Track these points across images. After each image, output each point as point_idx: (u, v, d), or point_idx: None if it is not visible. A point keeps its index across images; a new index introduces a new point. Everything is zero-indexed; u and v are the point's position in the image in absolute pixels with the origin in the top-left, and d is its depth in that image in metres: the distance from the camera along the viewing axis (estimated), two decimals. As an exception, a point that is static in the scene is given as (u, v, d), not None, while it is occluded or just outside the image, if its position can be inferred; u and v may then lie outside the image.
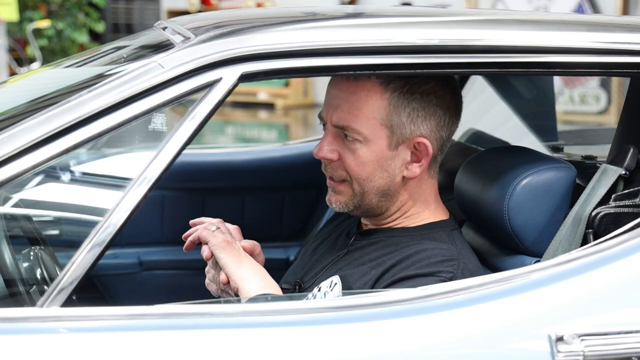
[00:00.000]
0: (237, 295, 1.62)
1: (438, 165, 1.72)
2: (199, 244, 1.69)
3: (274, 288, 1.62)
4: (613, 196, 1.64)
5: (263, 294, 1.57)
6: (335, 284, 1.63)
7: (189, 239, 1.71)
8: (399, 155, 1.65)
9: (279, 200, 2.74)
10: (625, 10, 9.51)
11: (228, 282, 1.65)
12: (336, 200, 1.69)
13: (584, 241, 1.61)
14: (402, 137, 1.64)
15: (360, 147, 1.64)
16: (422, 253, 1.62)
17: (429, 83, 1.65)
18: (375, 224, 1.73)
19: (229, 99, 1.83)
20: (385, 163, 1.65)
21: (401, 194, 1.69)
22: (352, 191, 1.67)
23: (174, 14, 11.77)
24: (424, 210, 1.71)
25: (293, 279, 1.78)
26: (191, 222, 1.74)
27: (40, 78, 2.04)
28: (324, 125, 1.71)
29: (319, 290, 1.64)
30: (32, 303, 1.43)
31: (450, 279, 1.57)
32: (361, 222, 1.78)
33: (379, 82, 1.62)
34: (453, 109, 1.69)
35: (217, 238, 1.66)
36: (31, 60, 10.22)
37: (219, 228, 1.70)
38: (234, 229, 1.75)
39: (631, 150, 1.69)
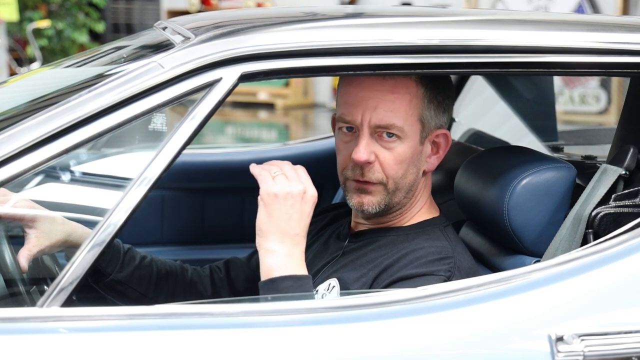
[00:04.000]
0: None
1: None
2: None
3: (298, 269, 1.52)
4: (613, 196, 1.64)
5: (287, 276, 1.50)
6: (334, 286, 1.62)
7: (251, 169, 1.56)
8: (425, 149, 1.68)
9: (279, 200, 2.73)
10: (625, 10, 9.50)
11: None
12: (369, 202, 1.65)
13: (584, 241, 1.61)
14: (429, 131, 1.67)
15: (398, 145, 1.63)
16: (418, 251, 1.62)
17: (440, 76, 1.68)
18: (374, 222, 1.73)
19: (229, 99, 1.83)
20: (416, 158, 1.66)
21: (418, 188, 1.70)
22: (387, 191, 1.65)
23: (174, 14, 11.77)
24: (419, 209, 1.72)
25: None
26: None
27: (40, 78, 2.04)
28: (348, 128, 1.64)
29: (317, 293, 1.64)
30: (32, 303, 1.43)
31: (448, 278, 1.58)
32: (351, 223, 1.78)
33: (412, 77, 1.63)
34: (453, 98, 1.73)
35: (269, 185, 1.52)
36: (31, 60, 10.21)
37: (283, 174, 1.54)
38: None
39: (631, 150, 1.69)
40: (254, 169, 1.56)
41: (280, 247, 1.52)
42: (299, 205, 1.53)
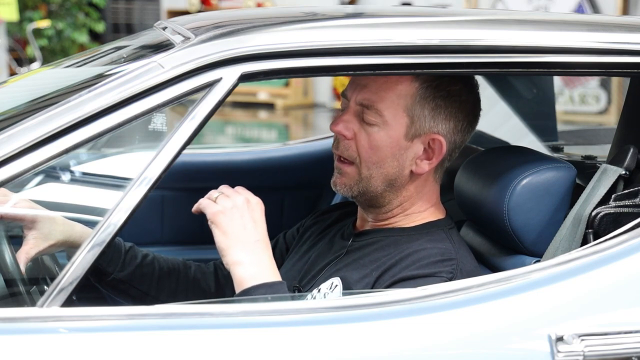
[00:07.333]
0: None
1: (443, 170, 1.73)
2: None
3: (269, 276, 1.54)
4: (613, 196, 1.64)
5: (259, 285, 1.52)
6: (336, 285, 1.62)
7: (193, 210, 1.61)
8: (412, 148, 1.66)
9: (279, 200, 2.74)
10: (625, 10, 9.51)
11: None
12: (341, 183, 1.68)
13: (584, 241, 1.61)
14: (420, 130, 1.65)
15: (377, 130, 1.64)
16: (421, 252, 1.62)
17: (456, 85, 1.66)
18: (375, 219, 1.73)
19: (229, 99, 1.83)
20: (398, 152, 1.65)
21: (406, 188, 1.69)
22: (359, 175, 1.66)
23: (174, 14, 11.76)
24: (423, 211, 1.72)
25: (291, 284, 1.75)
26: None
27: (40, 78, 2.04)
28: (344, 107, 1.70)
29: (319, 292, 1.64)
30: (32, 303, 1.43)
31: (451, 279, 1.57)
32: (356, 222, 1.78)
33: None
34: (471, 117, 1.71)
35: (213, 208, 1.56)
36: (31, 60, 10.21)
37: (222, 194, 1.59)
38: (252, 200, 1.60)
39: (631, 150, 1.69)
40: (195, 206, 1.59)
41: (245, 257, 1.54)
42: (247, 213, 1.57)
